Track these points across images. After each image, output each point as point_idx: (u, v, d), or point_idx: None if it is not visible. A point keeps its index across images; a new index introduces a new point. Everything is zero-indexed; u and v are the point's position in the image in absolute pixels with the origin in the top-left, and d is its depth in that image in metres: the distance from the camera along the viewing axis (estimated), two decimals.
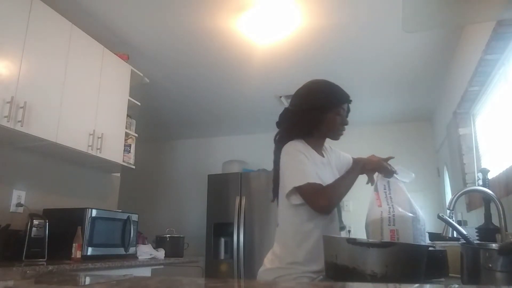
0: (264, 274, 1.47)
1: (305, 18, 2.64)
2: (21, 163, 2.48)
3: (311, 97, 1.57)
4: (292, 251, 1.44)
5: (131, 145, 3.07)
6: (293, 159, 1.46)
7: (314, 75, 1.74)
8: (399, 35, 2.77)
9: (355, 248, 1.06)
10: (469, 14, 1.50)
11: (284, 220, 1.50)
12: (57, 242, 2.25)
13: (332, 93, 1.58)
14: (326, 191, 1.41)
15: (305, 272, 1.39)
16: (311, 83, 1.64)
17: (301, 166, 1.43)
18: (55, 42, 2.36)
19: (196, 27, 2.76)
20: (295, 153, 1.46)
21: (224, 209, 4.26)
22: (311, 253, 1.41)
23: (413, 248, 1.14)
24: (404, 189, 1.39)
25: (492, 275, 0.98)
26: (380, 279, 1.01)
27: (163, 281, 0.79)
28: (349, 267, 1.06)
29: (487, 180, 1.73)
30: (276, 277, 1.42)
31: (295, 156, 1.46)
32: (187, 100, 4.13)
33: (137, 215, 2.84)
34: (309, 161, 1.45)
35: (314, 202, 1.40)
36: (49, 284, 0.78)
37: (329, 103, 1.54)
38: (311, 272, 1.39)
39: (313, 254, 1.40)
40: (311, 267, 1.40)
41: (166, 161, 5.56)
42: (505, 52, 2.15)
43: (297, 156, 1.45)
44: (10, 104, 1.99)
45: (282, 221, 1.51)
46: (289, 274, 1.40)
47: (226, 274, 4.10)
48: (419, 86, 3.71)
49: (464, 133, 2.99)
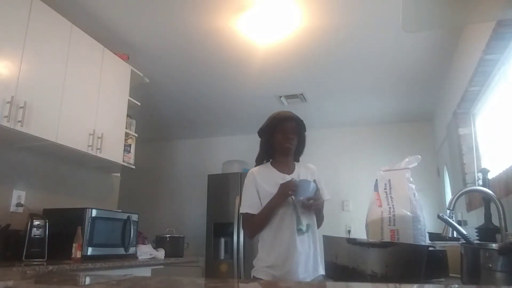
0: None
1: (305, 18, 2.64)
2: (21, 163, 2.48)
3: (263, 125, 1.96)
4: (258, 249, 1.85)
5: (131, 145, 3.06)
6: (243, 189, 1.89)
7: (314, 75, 1.78)
8: (399, 35, 2.77)
9: (355, 248, 1.07)
10: (469, 14, 1.50)
11: None
12: (57, 242, 2.25)
13: (275, 116, 1.92)
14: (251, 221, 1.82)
15: (261, 267, 1.77)
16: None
17: (245, 196, 1.86)
18: (55, 42, 2.36)
19: (196, 27, 2.76)
20: (246, 183, 1.88)
21: (224, 209, 4.26)
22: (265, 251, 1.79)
23: (413, 248, 1.14)
24: (407, 186, 1.38)
25: (492, 275, 0.98)
26: (380, 279, 1.01)
27: (163, 281, 0.80)
28: (349, 267, 1.06)
29: (487, 180, 1.73)
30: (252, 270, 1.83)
31: (244, 187, 1.88)
32: (187, 100, 4.13)
33: (137, 215, 2.83)
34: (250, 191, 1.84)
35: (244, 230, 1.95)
36: (49, 284, 0.78)
37: (272, 124, 1.91)
38: (265, 267, 1.76)
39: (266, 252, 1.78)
40: (265, 262, 1.77)
41: (166, 161, 5.56)
42: (505, 52, 2.15)
43: (246, 186, 1.87)
44: (10, 104, 1.98)
45: None
46: (255, 269, 1.81)
47: (226, 274, 4.10)
48: (419, 86, 3.71)
49: (464, 133, 2.99)
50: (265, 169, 1.91)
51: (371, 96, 4.02)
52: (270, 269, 1.74)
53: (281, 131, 1.87)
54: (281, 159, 1.92)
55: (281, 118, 1.89)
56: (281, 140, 1.87)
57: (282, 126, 1.87)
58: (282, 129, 1.87)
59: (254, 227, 1.83)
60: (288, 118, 1.89)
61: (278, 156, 1.92)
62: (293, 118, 1.90)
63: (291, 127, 1.88)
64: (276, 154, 1.92)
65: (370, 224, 1.36)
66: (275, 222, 1.78)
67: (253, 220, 1.81)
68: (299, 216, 1.77)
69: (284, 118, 1.89)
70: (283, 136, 1.86)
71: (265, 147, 1.94)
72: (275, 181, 1.81)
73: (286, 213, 1.78)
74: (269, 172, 1.88)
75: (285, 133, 1.86)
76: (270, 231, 1.78)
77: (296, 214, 1.77)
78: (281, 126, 1.87)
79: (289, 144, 1.87)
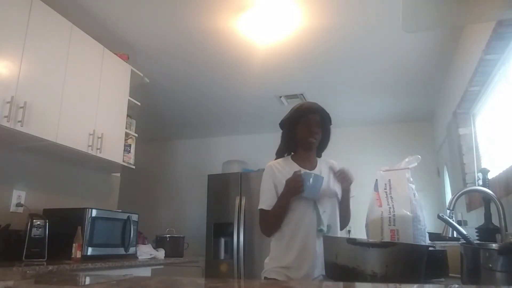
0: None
1: (305, 18, 2.64)
2: (21, 163, 2.48)
3: (285, 116, 1.84)
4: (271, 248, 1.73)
5: (131, 145, 3.06)
6: (262, 183, 1.77)
7: (314, 75, 1.79)
8: (399, 35, 2.77)
9: (355, 248, 1.07)
10: (469, 14, 1.50)
11: None
12: (57, 242, 2.25)
13: (298, 108, 1.81)
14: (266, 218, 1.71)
15: (275, 267, 1.66)
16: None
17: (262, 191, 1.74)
18: (55, 42, 2.36)
19: (196, 27, 2.76)
20: (264, 177, 1.77)
21: (224, 209, 4.26)
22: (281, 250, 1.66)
23: (413, 248, 1.14)
24: (407, 186, 1.38)
25: (492, 275, 0.98)
26: (380, 279, 1.01)
27: (163, 281, 0.80)
28: (349, 267, 1.06)
29: (487, 180, 1.73)
30: (263, 271, 1.71)
31: (263, 180, 1.77)
32: (187, 100, 4.13)
33: (137, 215, 2.83)
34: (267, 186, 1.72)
35: (260, 227, 1.75)
36: (49, 284, 0.78)
37: (295, 115, 1.78)
38: (279, 267, 1.64)
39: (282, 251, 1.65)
40: (280, 263, 1.65)
41: (166, 161, 5.56)
42: (505, 52, 2.15)
43: (263, 180, 1.76)
44: (10, 104, 1.99)
45: None
46: (268, 269, 1.68)
47: (226, 274, 4.10)
48: (419, 86, 3.71)
49: (464, 133, 2.99)
50: (285, 163, 1.78)
51: (371, 96, 4.01)
52: (286, 270, 1.62)
53: (305, 124, 1.75)
54: (303, 153, 1.79)
55: (305, 110, 1.77)
56: (304, 133, 1.75)
57: (305, 118, 1.75)
58: (306, 122, 1.74)
59: (269, 225, 1.71)
60: (312, 110, 1.77)
61: (300, 150, 1.80)
62: (318, 110, 1.77)
63: (315, 120, 1.75)
64: (298, 147, 1.80)
65: (370, 224, 1.36)
66: (294, 221, 1.65)
67: (267, 217, 1.71)
68: (320, 216, 1.65)
69: (308, 110, 1.76)
70: (306, 130, 1.74)
71: (286, 140, 1.82)
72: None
73: (306, 212, 1.65)
74: (289, 167, 1.74)
75: (308, 127, 1.74)
76: (288, 230, 1.65)
77: (317, 214, 1.65)
78: (305, 119, 1.75)
79: (313, 138, 1.74)
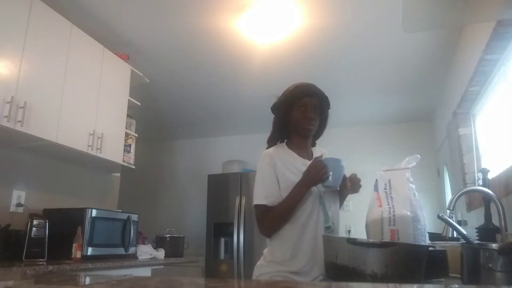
0: (255, 270, 1.52)
1: (305, 18, 2.64)
2: (21, 163, 2.47)
3: (278, 99, 1.62)
4: (272, 250, 1.49)
5: (131, 145, 3.06)
6: (257, 175, 1.53)
7: (314, 75, 1.76)
8: (399, 35, 2.77)
9: (355, 248, 1.06)
10: (469, 14, 1.50)
11: None
12: (57, 242, 2.25)
13: (292, 90, 1.59)
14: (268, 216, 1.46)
15: (281, 271, 1.42)
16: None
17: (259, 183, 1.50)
18: (55, 42, 2.36)
19: (196, 27, 2.76)
20: (260, 167, 1.52)
21: (224, 209, 4.26)
22: (287, 253, 1.43)
23: (413, 248, 1.14)
24: (407, 186, 1.38)
25: (492, 275, 0.98)
26: (380, 279, 1.01)
27: (163, 281, 0.79)
28: (349, 267, 1.06)
29: (487, 180, 1.73)
30: (259, 275, 1.48)
31: (259, 172, 1.52)
32: (187, 100, 4.13)
33: (137, 215, 2.83)
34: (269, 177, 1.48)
35: (258, 226, 1.50)
36: (49, 284, 0.78)
37: (289, 98, 1.56)
38: (287, 272, 1.41)
39: (289, 254, 1.43)
40: (288, 267, 1.42)
41: (166, 161, 5.56)
42: (505, 52, 2.15)
43: (261, 171, 1.51)
44: (10, 104, 1.99)
45: None
46: (268, 272, 1.45)
47: (226, 274, 4.10)
48: (419, 86, 3.71)
49: (464, 133, 2.99)
50: (283, 151, 1.55)
51: (371, 96, 4.02)
52: (296, 275, 1.40)
53: (300, 109, 1.53)
54: (299, 141, 1.58)
55: (300, 93, 1.55)
56: (300, 119, 1.53)
57: (301, 102, 1.53)
58: (301, 106, 1.53)
59: (273, 223, 1.46)
60: (309, 92, 1.55)
61: (294, 137, 1.59)
62: (316, 92, 1.56)
63: (312, 104, 1.53)
64: (292, 134, 1.59)
65: (370, 224, 1.35)
66: (302, 218, 1.44)
67: (272, 215, 1.45)
68: (327, 212, 1.46)
69: (304, 93, 1.55)
70: (302, 115, 1.53)
71: (279, 126, 1.59)
72: (297, 168, 1.47)
73: (314, 207, 1.46)
74: (289, 156, 1.53)
75: (304, 112, 1.52)
76: (294, 230, 1.43)
77: (324, 209, 1.46)
78: (300, 103, 1.53)
79: (310, 125, 1.53)
